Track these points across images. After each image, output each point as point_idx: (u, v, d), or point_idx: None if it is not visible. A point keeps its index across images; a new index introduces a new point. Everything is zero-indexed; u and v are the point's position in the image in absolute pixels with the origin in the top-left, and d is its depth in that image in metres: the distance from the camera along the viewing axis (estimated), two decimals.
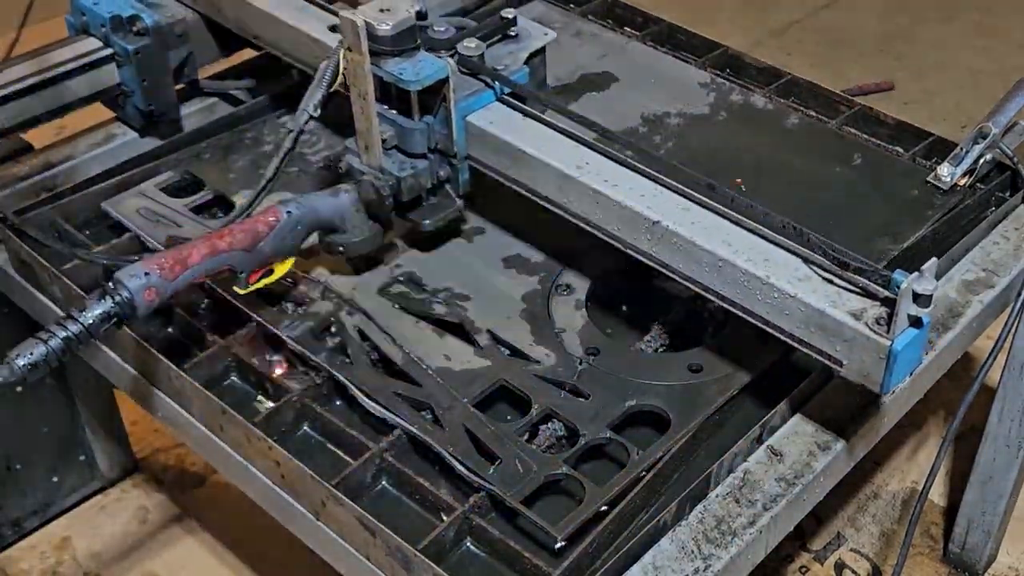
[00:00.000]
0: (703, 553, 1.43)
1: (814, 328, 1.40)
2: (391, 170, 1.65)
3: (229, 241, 1.51)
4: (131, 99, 2.04)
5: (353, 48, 1.57)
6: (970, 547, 2.40)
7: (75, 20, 2.03)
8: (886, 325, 1.33)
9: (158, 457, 2.66)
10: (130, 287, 1.40)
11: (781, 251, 1.46)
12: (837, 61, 4.05)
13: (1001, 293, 1.80)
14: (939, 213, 1.85)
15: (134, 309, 1.41)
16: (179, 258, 1.45)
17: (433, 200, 1.74)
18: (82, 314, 1.38)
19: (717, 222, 1.51)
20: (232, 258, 1.51)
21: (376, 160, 1.65)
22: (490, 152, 1.67)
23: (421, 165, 1.68)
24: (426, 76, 1.59)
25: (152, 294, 1.42)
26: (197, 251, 1.48)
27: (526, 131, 1.65)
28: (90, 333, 1.38)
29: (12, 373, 1.34)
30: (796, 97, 2.16)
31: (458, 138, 1.66)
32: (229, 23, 2.04)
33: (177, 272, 1.45)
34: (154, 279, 1.42)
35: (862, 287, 1.38)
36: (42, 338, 1.36)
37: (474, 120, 1.66)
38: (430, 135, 1.66)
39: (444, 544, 1.43)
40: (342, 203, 1.66)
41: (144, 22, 1.97)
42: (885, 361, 1.34)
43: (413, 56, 1.62)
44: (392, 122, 1.66)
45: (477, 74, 1.66)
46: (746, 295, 1.46)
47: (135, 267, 1.43)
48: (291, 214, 1.58)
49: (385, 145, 1.65)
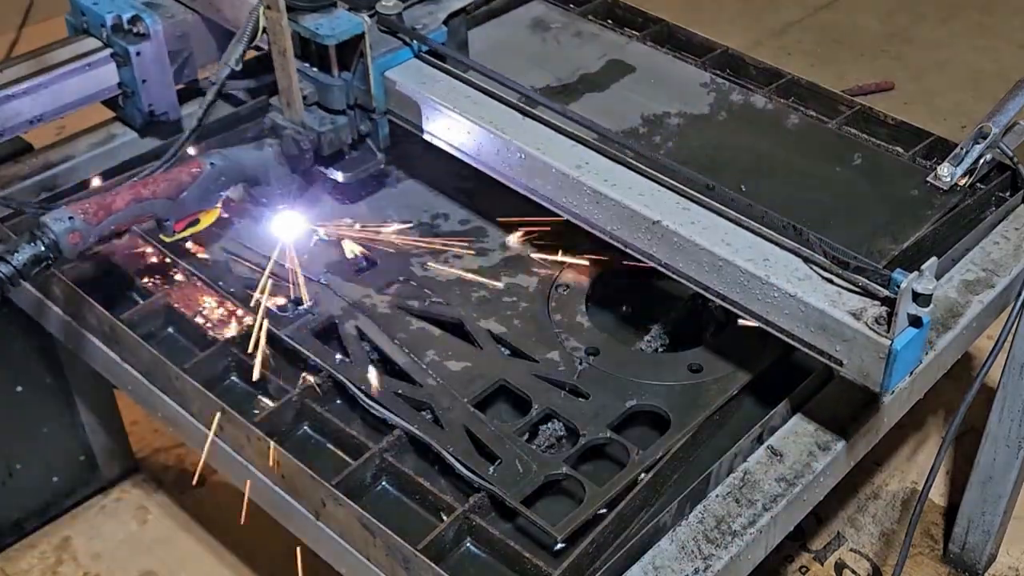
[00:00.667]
0: (703, 553, 1.43)
1: (814, 328, 1.40)
2: (312, 125, 1.73)
3: (153, 189, 1.58)
4: (131, 99, 2.04)
5: (272, 5, 1.64)
6: (970, 547, 2.40)
7: (75, 20, 2.02)
8: (886, 324, 1.34)
9: (158, 457, 2.66)
10: (55, 230, 1.47)
11: (781, 251, 1.46)
12: (837, 61, 4.05)
13: (1001, 293, 1.80)
14: (939, 213, 1.85)
15: (60, 252, 1.48)
16: (103, 204, 1.53)
17: (355, 154, 1.81)
18: (12, 256, 1.45)
19: (716, 221, 1.51)
20: (155, 206, 1.58)
21: (298, 116, 1.73)
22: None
23: (341, 120, 1.75)
24: (342, 31, 1.66)
25: (76, 237, 1.49)
26: (121, 198, 1.55)
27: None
28: (21, 274, 1.45)
29: None
30: (796, 97, 2.16)
31: (376, 93, 1.73)
32: (228, 23, 2.04)
33: (101, 217, 1.52)
34: (78, 223, 1.49)
35: (862, 286, 1.38)
36: None
37: (391, 76, 1.73)
38: (349, 91, 1.74)
39: (444, 544, 1.43)
40: (265, 156, 1.73)
41: (144, 22, 1.97)
42: (885, 361, 1.34)
43: (330, 12, 1.68)
44: (312, 79, 1.73)
45: (395, 32, 1.74)
46: (746, 295, 1.45)
47: (60, 211, 1.50)
48: (214, 165, 1.64)
49: (306, 101, 1.73)
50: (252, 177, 1.73)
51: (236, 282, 1.79)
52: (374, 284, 1.82)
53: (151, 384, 1.73)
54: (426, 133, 1.75)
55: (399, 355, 1.67)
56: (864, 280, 1.38)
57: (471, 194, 1.97)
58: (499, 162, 1.67)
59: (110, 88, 2.02)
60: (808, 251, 1.44)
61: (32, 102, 1.93)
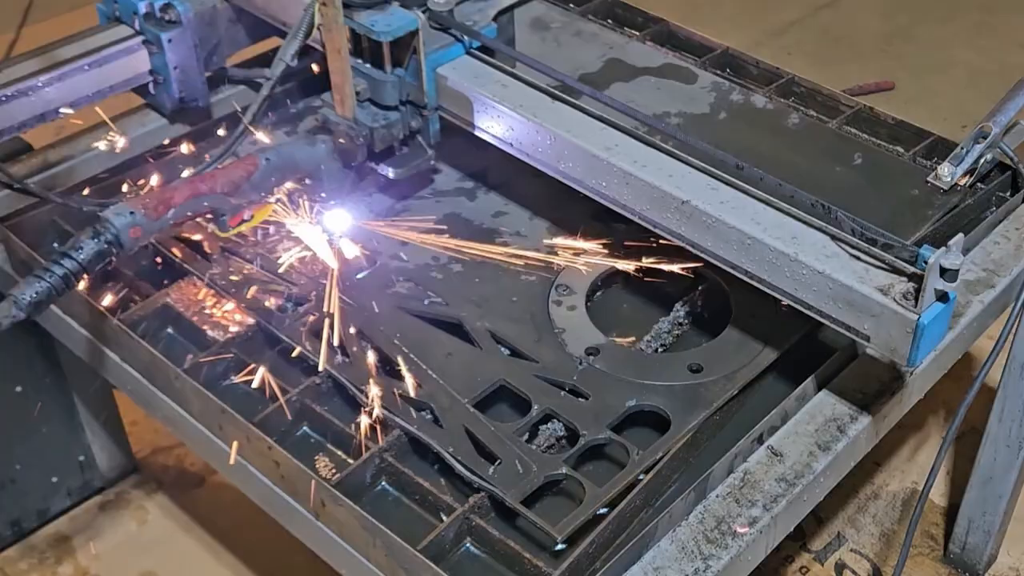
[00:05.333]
0: (703, 553, 1.43)
1: (842, 304, 1.41)
2: (364, 121, 1.73)
3: (210, 185, 1.58)
4: (162, 86, 2.06)
5: (327, 2, 1.63)
6: (970, 547, 2.40)
7: (107, 8, 2.04)
8: (913, 300, 1.36)
9: (158, 457, 2.65)
10: (116, 225, 1.47)
11: (809, 229, 1.47)
12: (837, 61, 4.05)
13: (1001, 293, 1.80)
14: (939, 213, 1.85)
15: (121, 246, 1.48)
16: (163, 199, 1.53)
17: (405, 150, 1.81)
18: (75, 252, 1.44)
19: (745, 201, 1.52)
20: (212, 201, 1.58)
21: (350, 112, 1.73)
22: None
23: (393, 116, 1.75)
24: (397, 27, 1.66)
25: (138, 232, 1.49)
26: (180, 193, 1.55)
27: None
28: (84, 269, 1.45)
29: (19, 308, 1.39)
30: (796, 97, 2.16)
31: (428, 89, 1.73)
32: (257, 10, 2.06)
33: (161, 212, 1.52)
34: (139, 218, 1.49)
35: (889, 263, 1.41)
36: (41, 276, 1.41)
37: (443, 72, 1.73)
38: (401, 87, 1.73)
39: (444, 544, 1.43)
40: (318, 152, 1.73)
41: (176, 10, 1.99)
42: (912, 335, 1.36)
43: (384, 9, 1.69)
44: (365, 75, 1.73)
45: (447, 28, 1.74)
46: (774, 273, 1.47)
47: (121, 206, 1.50)
48: (269, 161, 1.64)
49: (359, 97, 1.73)
50: (305, 173, 1.73)
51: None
52: (375, 283, 1.82)
53: (151, 384, 1.73)
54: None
55: (399, 355, 1.67)
56: (891, 257, 1.41)
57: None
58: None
59: (141, 75, 2.04)
60: (835, 229, 1.46)
61: (65, 89, 1.95)
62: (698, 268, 1.76)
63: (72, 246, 1.46)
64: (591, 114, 1.68)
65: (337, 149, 1.74)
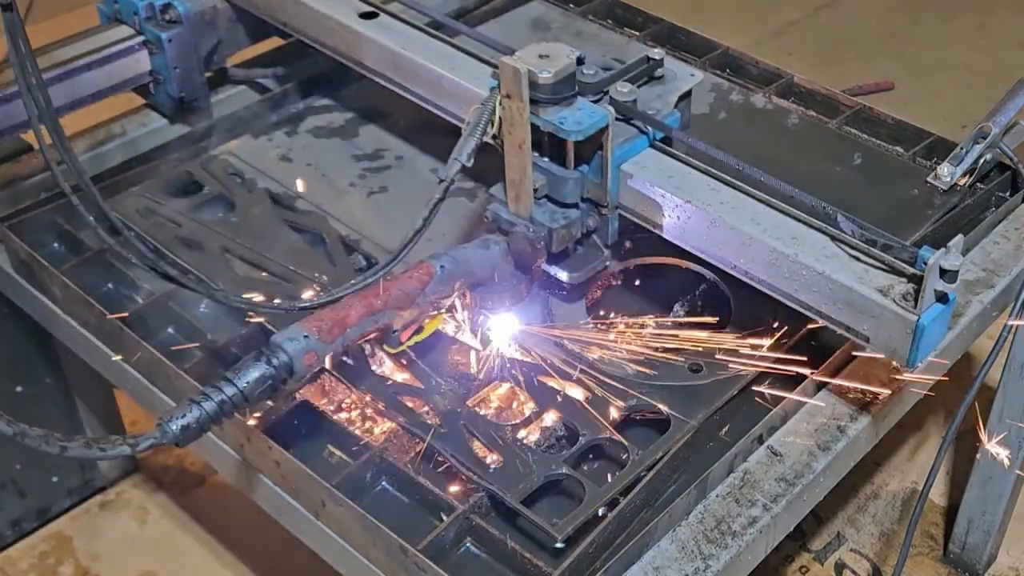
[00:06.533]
0: (703, 553, 1.43)
1: (841, 305, 1.41)
2: (542, 220, 1.56)
3: (385, 299, 1.46)
4: (162, 86, 2.06)
5: (512, 96, 1.47)
6: (970, 547, 2.40)
7: (108, 9, 2.05)
8: (913, 300, 1.35)
9: (158, 457, 2.65)
10: (289, 351, 1.35)
11: (809, 229, 1.47)
12: (837, 61, 4.05)
13: (1001, 293, 1.80)
14: (939, 213, 1.85)
15: (292, 373, 1.36)
16: (336, 319, 1.40)
17: (580, 250, 1.63)
18: (238, 376, 1.32)
19: (745, 202, 1.52)
20: (388, 316, 1.45)
21: (526, 210, 1.56)
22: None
23: (573, 215, 1.58)
24: (588, 126, 1.49)
25: (312, 358, 1.37)
26: (354, 311, 1.43)
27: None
28: (245, 397, 1.32)
29: (164, 435, 1.28)
30: (796, 97, 2.16)
31: (612, 187, 1.57)
32: (258, 10, 2.06)
33: (335, 334, 1.39)
34: (313, 342, 1.37)
35: (889, 264, 1.40)
36: (196, 400, 1.30)
37: (628, 168, 1.56)
38: (584, 184, 1.58)
39: (444, 544, 1.43)
40: (493, 256, 1.58)
41: (176, 10, 1.99)
42: (912, 336, 1.36)
43: (572, 104, 1.52)
44: (545, 171, 1.56)
45: (629, 119, 1.58)
46: (774, 273, 1.46)
47: (293, 330, 1.37)
48: (444, 268, 1.51)
49: (536, 194, 1.56)
50: (479, 278, 1.57)
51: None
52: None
53: (151, 384, 1.73)
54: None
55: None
56: (891, 258, 1.40)
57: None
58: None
59: (142, 75, 2.04)
60: (835, 230, 1.45)
61: (66, 89, 1.96)
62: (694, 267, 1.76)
63: (236, 369, 1.33)
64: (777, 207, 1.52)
65: (513, 251, 1.58)
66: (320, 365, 1.40)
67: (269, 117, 2.21)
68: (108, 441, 1.21)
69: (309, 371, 1.37)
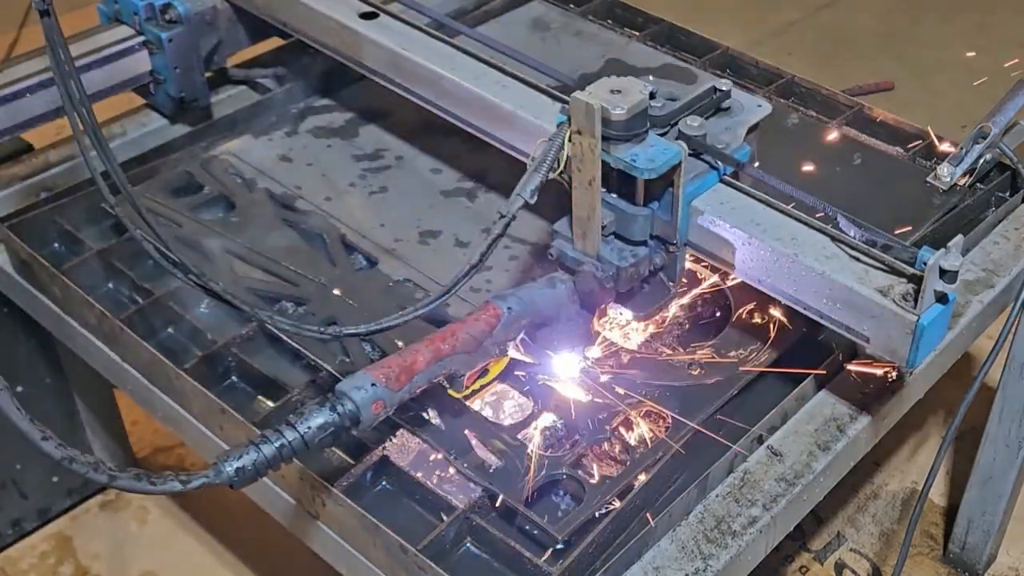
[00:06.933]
0: (703, 553, 1.43)
1: (841, 305, 1.41)
2: (610, 259, 1.51)
3: (452, 344, 1.41)
4: (162, 86, 2.06)
5: (584, 132, 1.42)
6: (970, 547, 2.40)
7: (108, 9, 2.05)
8: (913, 301, 1.35)
9: (158, 457, 2.66)
10: (356, 400, 1.30)
11: (808, 230, 1.46)
12: (837, 61, 4.05)
13: (1001, 293, 1.80)
14: (939, 213, 1.85)
15: (358, 422, 1.31)
16: (404, 366, 1.36)
17: (646, 288, 1.58)
18: (300, 421, 1.27)
19: (745, 202, 1.51)
20: (455, 361, 1.41)
21: (594, 248, 1.51)
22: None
23: (641, 253, 1.53)
24: (661, 164, 1.43)
25: (379, 407, 1.32)
26: (422, 357, 1.38)
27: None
28: (306, 444, 1.27)
29: (218, 475, 1.23)
30: (796, 97, 2.16)
31: (681, 225, 1.52)
32: (258, 10, 2.06)
33: (403, 381, 1.35)
34: (380, 391, 1.32)
35: (889, 264, 1.40)
36: (255, 442, 1.25)
37: (699, 205, 1.52)
38: (653, 221, 1.53)
39: (444, 544, 1.43)
40: (559, 295, 1.53)
41: (177, 10, 2.00)
42: (912, 336, 1.35)
43: (643, 140, 1.47)
44: (613, 207, 1.51)
45: (699, 154, 1.53)
46: (774, 273, 1.46)
47: (359, 377, 1.32)
48: (511, 310, 1.47)
49: (604, 232, 1.51)
50: (545, 319, 1.52)
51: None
52: (375, 283, 1.82)
53: (151, 384, 1.73)
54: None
55: None
56: (890, 258, 1.40)
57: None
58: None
59: (142, 75, 2.04)
60: (835, 230, 1.45)
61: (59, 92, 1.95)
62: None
63: (299, 414, 1.28)
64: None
65: (579, 290, 1.53)
66: (388, 414, 1.35)
67: (269, 117, 2.21)
68: (159, 476, 1.18)
69: (376, 420, 1.33)
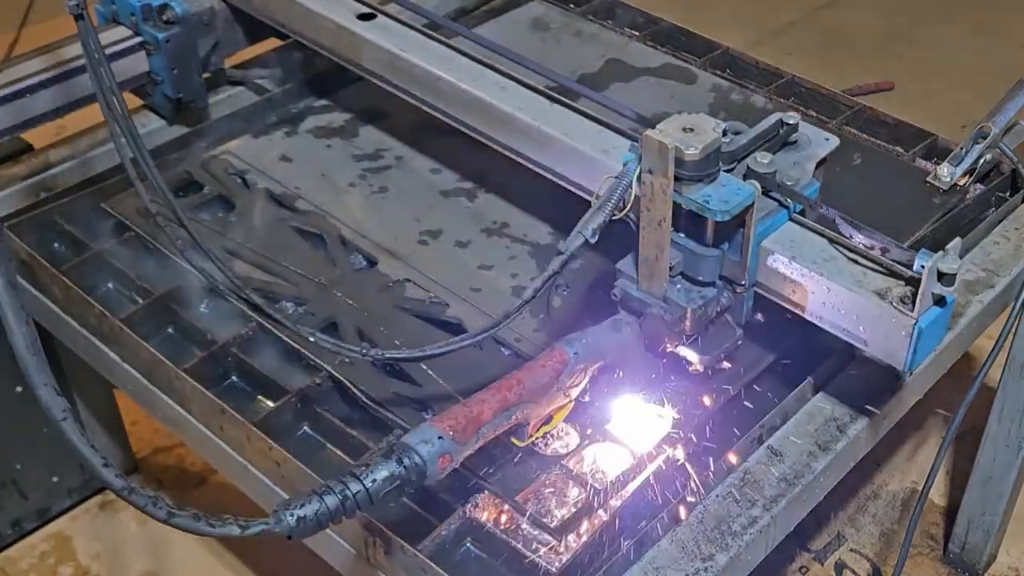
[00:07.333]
0: (703, 553, 1.43)
1: (839, 308, 1.40)
2: (677, 300, 1.45)
3: (519, 392, 1.36)
4: (160, 87, 2.06)
5: (655, 171, 1.37)
6: (970, 547, 2.40)
7: (105, 10, 2.05)
8: (911, 304, 1.34)
9: (158, 457, 2.66)
10: (423, 454, 1.25)
11: (806, 232, 1.46)
12: (837, 61, 4.05)
13: (1001, 293, 1.80)
14: (939, 213, 1.85)
15: (424, 477, 1.26)
16: (470, 417, 1.31)
17: (712, 330, 1.53)
18: (365, 473, 1.22)
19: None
20: (522, 410, 1.37)
21: (661, 290, 1.46)
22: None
23: (710, 294, 1.47)
24: (735, 205, 1.38)
25: (447, 461, 1.27)
26: (488, 407, 1.33)
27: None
28: (370, 497, 1.22)
29: (278, 524, 1.18)
30: (796, 97, 2.16)
31: (751, 266, 1.47)
32: (256, 11, 2.06)
33: (470, 434, 1.30)
34: (447, 444, 1.27)
35: (887, 267, 1.39)
36: (319, 492, 1.21)
37: (769, 245, 1.45)
38: (723, 262, 1.48)
39: (444, 544, 1.43)
40: (625, 338, 1.48)
41: (174, 10, 1.99)
42: (910, 339, 1.35)
43: (716, 180, 1.41)
44: (682, 248, 1.45)
45: (769, 191, 1.47)
46: (770, 276, 1.46)
47: (426, 430, 1.27)
48: (578, 355, 1.43)
49: (671, 272, 1.46)
50: (610, 363, 1.48)
51: None
52: (375, 283, 1.82)
53: (151, 384, 1.73)
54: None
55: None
56: (888, 261, 1.39)
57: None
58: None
59: (139, 76, 2.04)
60: (833, 232, 1.44)
61: (63, 91, 1.95)
62: None
63: (364, 465, 1.23)
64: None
65: (645, 333, 1.49)
66: (455, 467, 1.30)
67: (269, 117, 2.21)
68: (218, 519, 1.15)
69: (443, 474, 1.27)
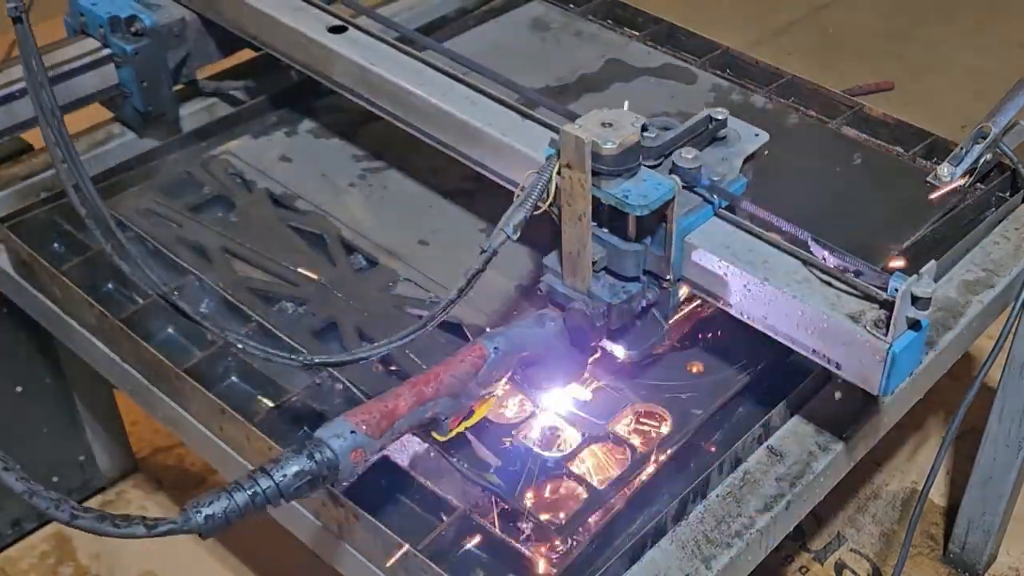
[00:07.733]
0: (703, 553, 1.43)
1: (812, 331, 1.39)
2: (601, 296, 1.46)
3: (436, 387, 1.36)
4: (129, 100, 2.04)
5: (574, 166, 1.37)
6: (970, 547, 2.40)
7: (73, 21, 2.03)
8: (884, 328, 1.32)
9: (158, 457, 2.66)
10: (335, 448, 1.24)
11: (780, 253, 1.45)
12: (837, 61, 4.05)
13: (1001, 293, 1.80)
14: (939, 213, 1.85)
15: (336, 472, 1.24)
16: (385, 411, 1.30)
17: (638, 325, 1.54)
18: (275, 468, 1.21)
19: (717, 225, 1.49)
20: (439, 405, 1.36)
21: (585, 284, 1.47)
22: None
23: (634, 288, 1.48)
24: (654, 199, 1.39)
25: (359, 455, 1.26)
26: (403, 401, 1.33)
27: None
28: (281, 492, 1.21)
29: (186, 522, 1.18)
30: (796, 97, 2.16)
31: (675, 260, 1.47)
32: (227, 23, 2.05)
33: (384, 428, 1.29)
34: (360, 438, 1.26)
35: (862, 290, 1.37)
36: (228, 490, 1.20)
37: (692, 240, 1.46)
38: (646, 257, 1.48)
39: (444, 544, 1.43)
40: (548, 333, 1.48)
41: (142, 23, 1.97)
42: (883, 363, 1.33)
43: (635, 175, 1.42)
44: (604, 243, 1.46)
45: (693, 187, 1.47)
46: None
47: (338, 424, 1.26)
48: (498, 350, 1.42)
49: (595, 267, 1.46)
50: (532, 358, 1.47)
51: None
52: (375, 283, 1.82)
53: (151, 384, 1.73)
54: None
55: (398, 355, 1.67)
56: (863, 283, 1.37)
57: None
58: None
59: (109, 89, 2.02)
60: (807, 254, 1.43)
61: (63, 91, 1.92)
62: None
63: (275, 461, 1.22)
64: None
65: (569, 328, 1.48)
66: (369, 463, 1.30)
67: (269, 117, 2.21)
68: (124, 519, 1.15)
69: (355, 469, 1.27)
